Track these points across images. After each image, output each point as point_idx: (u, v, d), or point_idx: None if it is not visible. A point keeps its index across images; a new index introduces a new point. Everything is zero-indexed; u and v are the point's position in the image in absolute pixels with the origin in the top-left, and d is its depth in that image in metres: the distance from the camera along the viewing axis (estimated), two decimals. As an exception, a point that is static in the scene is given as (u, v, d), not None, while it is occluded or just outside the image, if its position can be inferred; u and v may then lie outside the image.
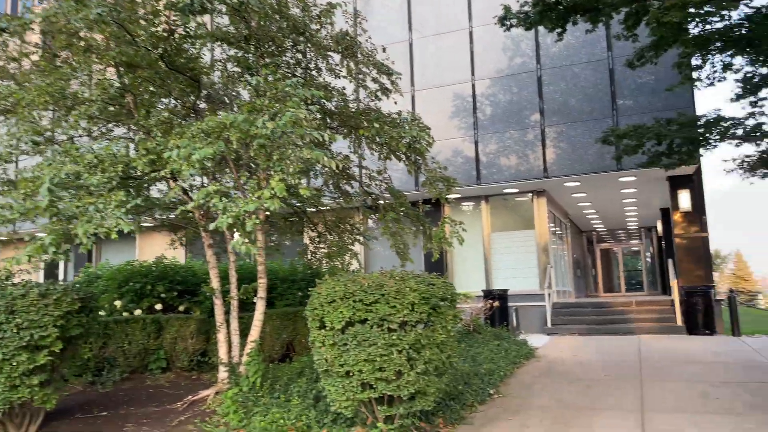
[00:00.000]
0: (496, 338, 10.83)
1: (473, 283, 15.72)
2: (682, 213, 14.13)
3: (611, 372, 8.74)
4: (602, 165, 13.89)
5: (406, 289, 5.48)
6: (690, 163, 11.27)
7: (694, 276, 13.87)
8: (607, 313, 14.34)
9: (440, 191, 7.66)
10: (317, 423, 5.93)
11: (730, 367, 8.74)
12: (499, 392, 7.61)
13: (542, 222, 15.43)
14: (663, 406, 6.58)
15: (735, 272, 49.40)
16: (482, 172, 15.05)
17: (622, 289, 27.64)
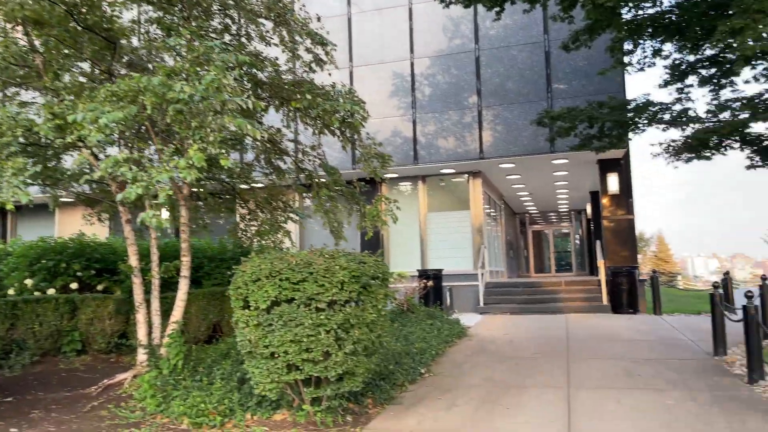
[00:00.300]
0: (429, 317, 10.82)
1: (409, 263, 15.71)
2: (611, 196, 14.55)
3: (540, 350, 8.88)
4: (536, 147, 14.07)
5: (335, 267, 5.27)
6: (620, 146, 11.54)
7: (620, 257, 14.36)
8: (537, 292, 14.66)
9: (375, 168, 7.46)
10: (241, 406, 5.68)
11: (652, 345, 9.06)
12: (431, 371, 7.57)
13: (477, 203, 15.55)
14: (588, 383, 6.70)
15: (657, 254, 52.00)
16: (420, 152, 14.97)
17: (552, 270, 28.49)
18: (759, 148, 10.23)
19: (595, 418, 5.36)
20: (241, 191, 9.35)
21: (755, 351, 6.31)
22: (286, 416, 5.66)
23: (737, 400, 5.69)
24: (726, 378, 6.65)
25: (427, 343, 8.59)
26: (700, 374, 6.89)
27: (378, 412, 5.89)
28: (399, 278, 11.08)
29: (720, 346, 7.96)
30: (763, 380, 6.30)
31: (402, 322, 10.09)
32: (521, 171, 16.11)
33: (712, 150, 10.87)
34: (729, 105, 9.95)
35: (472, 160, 14.57)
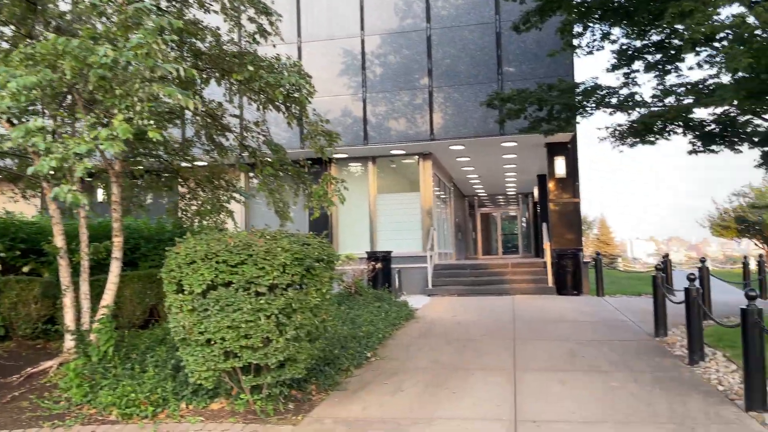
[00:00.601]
0: (377, 300, 10.67)
1: (358, 245, 15.51)
2: (558, 179, 14.71)
3: (487, 332, 8.86)
4: (486, 129, 14.03)
5: (277, 249, 4.99)
6: (568, 129, 11.60)
7: (565, 240, 14.57)
8: (485, 274, 14.74)
9: (322, 146, 7.16)
10: (175, 395, 5.37)
11: (596, 326, 9.19)
12: (377, 355, 7.41)
13: (427, 185, 15.44)
14: (534, 364, 6.69)
15: (599, 237, 53.61)
16: (370, 132, 14.70)
17: (499, 252, 28.90)
18: (701, 133, 10.45)
19: (541, 400, 5.32)
20: (181, 169, 8.88)
21: (696, 333, 6.41)
22: (224, 405, 5.39)
23: (678, 381, 5.77)
24: (667, 359, 6.76)
25: (374, 327, 8.43)
26: (642, 355, 6.98)
27: (322, 398, 5.69)
28: (347, 260, 10.87)
29: (661, 328, 8.12)
30: (703, 361, 6.42)
31: (349, 305, 9.90)
32: (471, 153, 16.09)
33: (656, 135, 11.05)
34: (674, 90, 10.10)
35: (423, 141, 14.42)
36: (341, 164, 16.05)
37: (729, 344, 7.05)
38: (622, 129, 11.38)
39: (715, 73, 10.09)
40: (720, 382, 5.70)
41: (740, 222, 28.80)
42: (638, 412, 4.90)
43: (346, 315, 9.03)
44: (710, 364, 6.34)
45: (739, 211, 29.21)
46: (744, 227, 29.05)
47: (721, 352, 6.84)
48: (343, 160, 15.93)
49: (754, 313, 4.79)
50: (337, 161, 15.97)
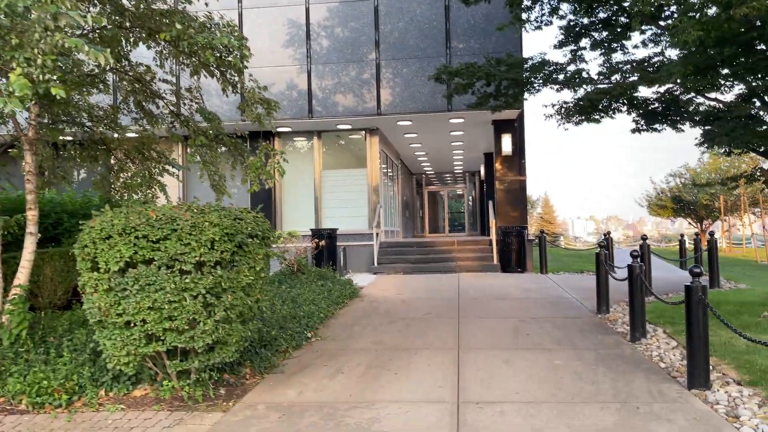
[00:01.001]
0: (320, 278, 10.35)
1: (303, 222, 15.10)
2: (504, 157, 14.66)
3: (432, 310, 8.70)
4: (434, 105, 13.79)
5: (205, 223, 4.58)
6: (515, 106, 11.48)
7: (511, 218, 14.59)
8: (431, 252, 14.63)
9: (259, 114, 6.70)
10: (93, 382, 4.93)
11: (540, 303, 9.17)
12: (318, 335, 7.12)
13: (374, 161, 15.12)
14: (478, 343, 6.55)
15: (543, 215, 54.79)
16: (315, 106, 14.21)
17: (446, 230, 29.01)
18: (644, 111, 10.51)
19: (485, 380, 5.16)
20: (107, 139, 8.24)
21: (638, 310, 6.39)
22: (148, 392, 4.99)
23: (621, 359, 5.72)
24: (610, 336, 6.74)
25: (316, 306, 8.12)
26: (585, 333, 6.95)
27: (257, 382, 5.36)
28: (289, 238, 10.47)
29: (603, 305, 8.14)
30: (644, 338, 6.42)
31: (291, 284, 9.54)
32: (419, 129, 15.84)
33: (601, 113, 11.05)
34: (620, 68, 10.09)
35: (370, 116, 14.05)
36: (286, 138, 15.51)
37: (669, 320, 7.11)
38: (568, 106, 11.33)
39: (660, 51, 10.15)
40: (662, 359, 5.69)
41: (676, 201, 29.83)
42: (582, 391, 4.80)
43: (287, 294, 8.68)
44: (651, 341, 6.35)
45: (675, 191, 30.24)
46: (679, 207, 30.11)
47: (661, 328, 6.88)
48: (287, 134, 15.40)
49: (698, 290, 4.73)
50: (282, 135, 15.43)
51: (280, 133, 15.30)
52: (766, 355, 5.33)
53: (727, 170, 23.57)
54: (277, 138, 15.30)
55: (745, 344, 5.69)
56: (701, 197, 26.77)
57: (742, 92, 8.77)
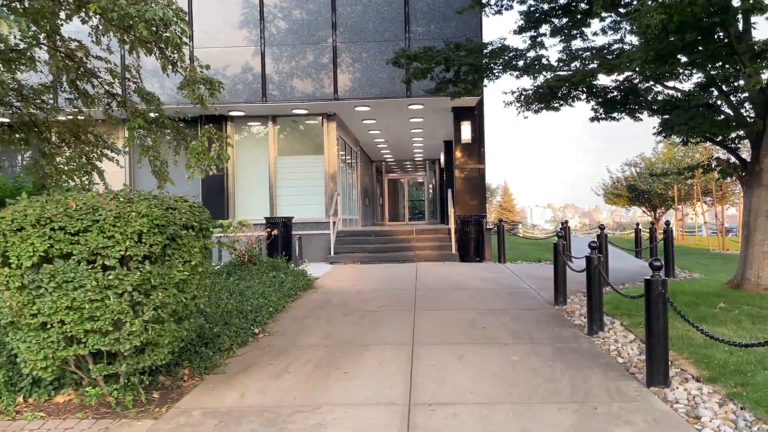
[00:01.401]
0: (273, 269, 9.94)
1: (258, 210, 14.61)
2: (463, 145, 14.46)
3: (387, 302, 8.42)
4: (393, 90, 13.45)
5: (131, 214, 4.15)
6: (474, 92, 11.24)
7: (470, 206, 14.42)
8: (389, 241, 14.35)
9: (201, 95, 6.23)
10: (10, 387, 4.46)
11: (497, 294, 8.99)
12: (267, 331, 6.75)
13: (332, 148, 14.71)
14: (433, 337, 6.30)
15: (502, 204, 55.32)
16: (270, 89, 13.67)
17: (406, 219, 28.82)
18: (603, 100, 10.41)
19: (438, 378, 4.90)
20: (38, 120, 7.62)
21: (596, 303, 6.24)
22: (72, 397, 4.56)
23: (579, 354, 5.55)
24: (567, 329, 6.58)
25: (265, 299, 7.73)
26: (542, 325, 6.78)
27: (195, 384, 4.98)
28: (239, 227, 10.01)
29: (561, 296, 8.01)
30: (602, 331, 6.28)
31: (240, 276, 9.11)
32: (377, 116, 15.48)
33: (560, 100, 10.92)
34: (579, 54, 9.94)
35: (327, 101, 13.61)
36: (239, 123, 14.94)
37: (626, 312, 7.00)
38: (527, 94, 11.16)
39: (620, 38, 10.04)
40: (619, 353, 5.54)
41: (631, 190, 30.35)
42: (539, 389, 4.58)
43: (234, 287, 8.25)
44: (609, 334, 6.21)
45: (630, 180, 30.75)
46: (634, 195, 30.65)
47: (619, 321, 6.76)
48: (241, 118, 14.82)
49: (658, 284, 4.55)
50: (235, 120, 14.85)
51: (234, 117, 14.71)
52: (723, 349, 5.23)
53: (681, 160, 24.04)
54: (230, 123, 14.71)
55: (703, 338, 5.58)
56: (655, 186, 27.27)
57: (701, 81, 8.71)
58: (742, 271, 7.98)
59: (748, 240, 7.82)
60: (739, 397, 4.23)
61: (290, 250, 13.08)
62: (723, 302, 7.16)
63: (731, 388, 4.39)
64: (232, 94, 13.61)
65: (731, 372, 4.71)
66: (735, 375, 4.64)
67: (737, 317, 6.58)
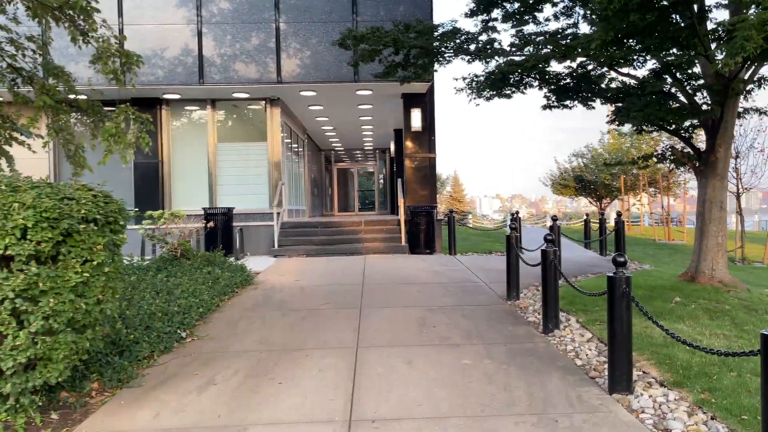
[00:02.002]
0: (209, 264, 9.22)
1: (196, 200, 13.76)
2: (414, 133, 13.98)
3: (332, 299, 7.87)
4: (339, 74, 12.82)
5: (13, 205, 3.45)
6: (425, 77, 10.75)
7: (420, 196, 13.99)
8: (337, 233, 13.77)
9: (115, 69, 5.48)
10: None
11: (447, 288, 8.58)
12: (195, 334, 6.10)
13: (276, 134, 13.96)
14: (379, 339, 5.80)
15: (452, 194, 55.39)
16: (207, 70, 12.80)
17: (356, 209, 28.26)
18: (556, 87, 10.10)
19: (384, 389, 4.40)
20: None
21: (552, 300, 5.87)
22: (-51, 424, 3.81)
23: (534, 355, 5.15)
24: (521, 327, 6.20)
25: (196, 298, 7.05)
26: (495, 323, 6.38)
27: (105, 400, 4.31)
28: (171, 219, 9.22)
29: (513, 290, 7.64)
30: (558, 329, 5.92)
31: (171, 272, 8.37)
32: (324, 102, 14.82)
33: (512, 87, 10.56)
34: (532, 39, 9.58)
35: (269, 84, 12.85)
36: (176, 108, 14.00)
37: (582, 308, 6.69)
38: (479, 80, 10.76)
39: (573, 23, 9.74)
40: (577, 354, 5.17)
41: (578, 181, 30.69)
42: (494, 400, 4.14)
43: (162, 285, 7.52)
44: (565, 333, 5.86)
45: (577, 170, 31.08)
46: (581, 186, 31.01)
47: (574, 317, 6.43)
48: (177, 102, 13.89)
49: (622, 282, 4.16)
50: (171, 104, 13.91)
51: (169, 101, 13.77)
52: (685, 349, 4.93)
53: (627, 151, 24.31)
54: (165, 107, 13.77)
55: (663, 335, 5.28)
56: (602, 177, 27.60)
57: (655, 68, 8.47)
58: (696, 263, 7.81)
59: (703, 231, 7.65)
60: (708, 404, 3.90)
61: (231, 242, 12.34)
62: (678, 296, 6.94)
63: (698, 394, 4.06)
64: (168, 75, 12.69)
65: (696, 375, 4.40)
66: (700, 378, 4.32)
67: (694, 312, 6.35)
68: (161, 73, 12.68)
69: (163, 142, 13.71)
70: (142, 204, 13.08)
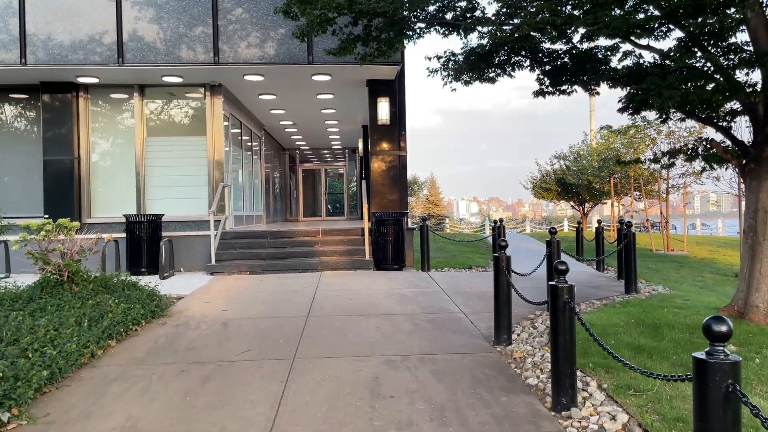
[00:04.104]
0: (106, 290, 7.05)
1: (122, 205, 11.56)
2: (381, 127, 11.96)
3: (258, 343, 5.79)
4: (290, 55, 10.72)
5: None
6: (390, 54, 8.74)
7: (389, 201, 11.98)
8: (289, 244, 11.64)
9: None
10: None
11: (417, 322, 6.56)
12: (28, 414, 3.98)
13: (217, 127, 11.81)
14: (308, 417, 3.75)
15: (429, 197, 53.46)
16: (128, 47, 10.59)
17: (324, 214, 26.11)
18: (552, 68, 8.18)
19: None
20: None
21: (566, 363, 3.87)
22: None
23: (551, 474, 3.14)
24: (519, 397, 4.19)
25: (55, 348, 4.90)
26: (481, 389, 4.36)
27: None
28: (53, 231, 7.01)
29: (503, 331, 5.66)
30: (574, 406, 3.91)
31: (40, 306, 6.18)
32: (277, 89, 12.70)
33: (497, 69, 8.63)
34: (523, 5, 7.63)
35: (205, 65, 10.69)
36: (97, 94, 11.77)
37: (602, 362, 4.70)
38: (457, 59, 8.81)
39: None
40: (621, 469, 3.17)
41: (560, 184, 29.00)
42: None
43: (20, 324, 5.35)
44: (586, 411, 3.87)
45: (559, 173, 29.39)
46: (562, 189, 29.33)
47: (593, 379, 4.43)
48: (97, 88, 11.66)
49: (725, 375, 2.19)
50: (91, 90, 11.69)
51: (88, 86, 11.54)
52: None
53: (616, 150, 22.50)
54: (83, 93, 11.53)
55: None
56: (586, 180, 25.85)
57: (682, 40, 6.57)
58: (746, 294, 5.91)
59: (755, 252, 5.76)
60: None
61: (156, 257, 10.18)
62: (732, 344, 5.02)
63: None
64: (82, 54, 10.46)
65: None
66: None
67: (764, 372, 4.42)
68: (73, 51, 10.45)
69: (81, 136, 11.46)
70: (55, 210, 10.85)
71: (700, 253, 15.65)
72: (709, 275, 11.63)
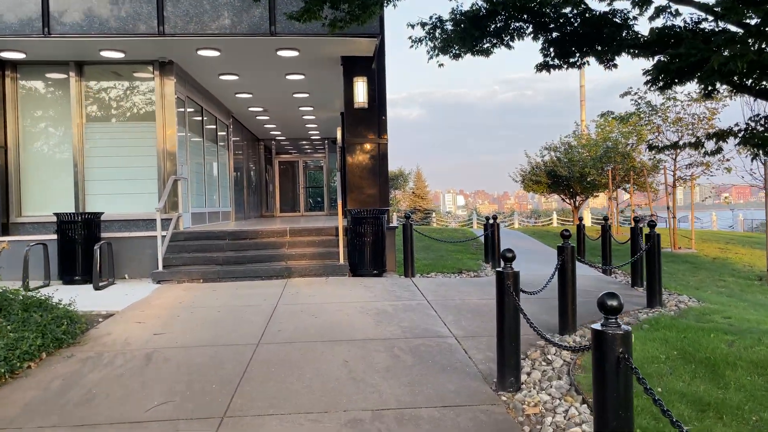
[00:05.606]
0: None
1: (57, 202, 9.97)
2: (358, 111, 10.45)
3: (181, 389, 4.31)
4: (250, 24, 9.13)
5: None
6: (364, 20, 7.23)
7: (367, 196, 10.51)
8: (252, 246, 10.11)
9: None
10: None
11: (396, 353, 5.11)
12: None
13: (169, 111, 10.23)
14: None
15: (414, 190, 51.98)
16: (54, 14, 8.95)
17: (302, 209, 24.56)
18: (561, 34, 6.76)
19: None
20: None
21: None
22: None
23: None
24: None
25: None
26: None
27: None
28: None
29: (510, 371, 4.23)
30: None
31: None
32: (238, 67, 11.12)
33: (493, 38, 7.20)
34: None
35: (148, 36, 9.07)
36: (27, 73, 10.14)
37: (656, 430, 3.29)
38: (445, 27, 7.36)
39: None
40: None
41: (551, 176, 27.66)
42: None
43: None
44: None
45: (550, 165, 28.06)
46: (553, 182, 28.01)
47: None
48: (26, 65, 10.03)
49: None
50: (19, 68, 10.06)
51: (15, 63, 9.90)
52: None
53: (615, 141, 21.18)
54: (9, 71, 9.90)
55: None
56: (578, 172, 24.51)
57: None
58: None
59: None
60: None
61: (90, 263, 8.64)
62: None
63: None
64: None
65: None
66: None
67: None
68: (-10, 19, 8.81)
69: (8, 122, 9.85)
70: (-24, 207, 9.24)
71: (709, 251, 14.37)
72: (730, 279, 10.33)
